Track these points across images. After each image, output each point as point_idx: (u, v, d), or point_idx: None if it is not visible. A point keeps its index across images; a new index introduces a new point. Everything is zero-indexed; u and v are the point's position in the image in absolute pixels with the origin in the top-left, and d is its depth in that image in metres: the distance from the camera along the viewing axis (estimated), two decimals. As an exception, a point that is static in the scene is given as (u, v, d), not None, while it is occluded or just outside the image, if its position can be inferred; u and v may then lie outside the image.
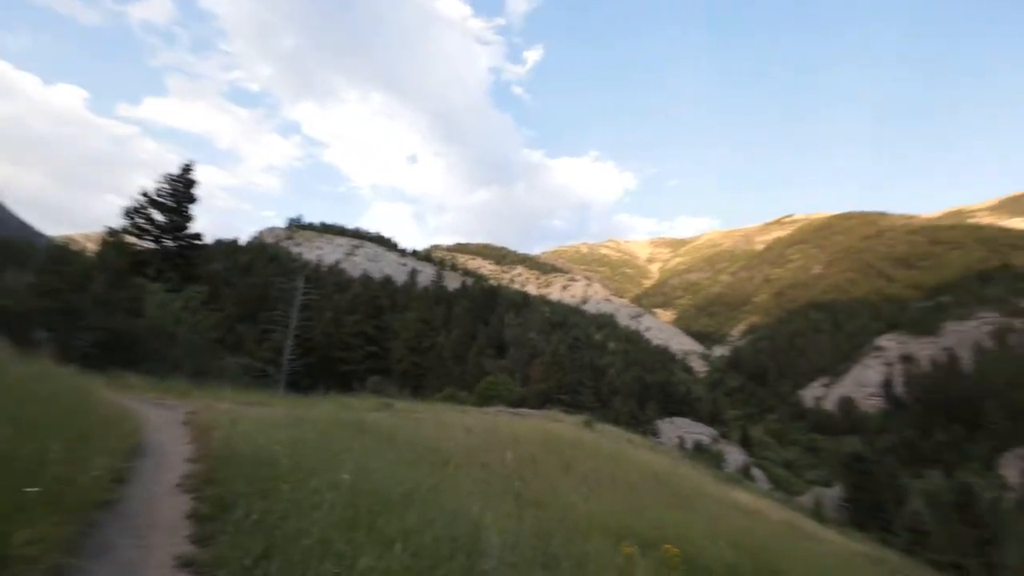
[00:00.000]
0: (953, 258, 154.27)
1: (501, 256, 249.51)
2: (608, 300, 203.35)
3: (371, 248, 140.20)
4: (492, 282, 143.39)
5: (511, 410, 28.41)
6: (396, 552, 3.00)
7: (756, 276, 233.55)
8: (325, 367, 36.42)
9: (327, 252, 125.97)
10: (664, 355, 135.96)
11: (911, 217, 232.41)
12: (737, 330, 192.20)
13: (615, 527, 7.27)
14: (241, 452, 4.48)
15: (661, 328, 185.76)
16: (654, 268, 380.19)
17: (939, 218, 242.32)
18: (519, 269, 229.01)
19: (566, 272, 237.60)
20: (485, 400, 35.64)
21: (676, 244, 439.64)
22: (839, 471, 44.18)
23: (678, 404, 77.14)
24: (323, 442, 6.26)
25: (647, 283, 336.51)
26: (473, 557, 3.37)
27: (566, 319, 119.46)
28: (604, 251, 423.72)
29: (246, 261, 68.07)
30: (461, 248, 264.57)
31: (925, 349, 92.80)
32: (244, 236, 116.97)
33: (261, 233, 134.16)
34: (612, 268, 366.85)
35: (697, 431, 63.77)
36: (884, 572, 12.89)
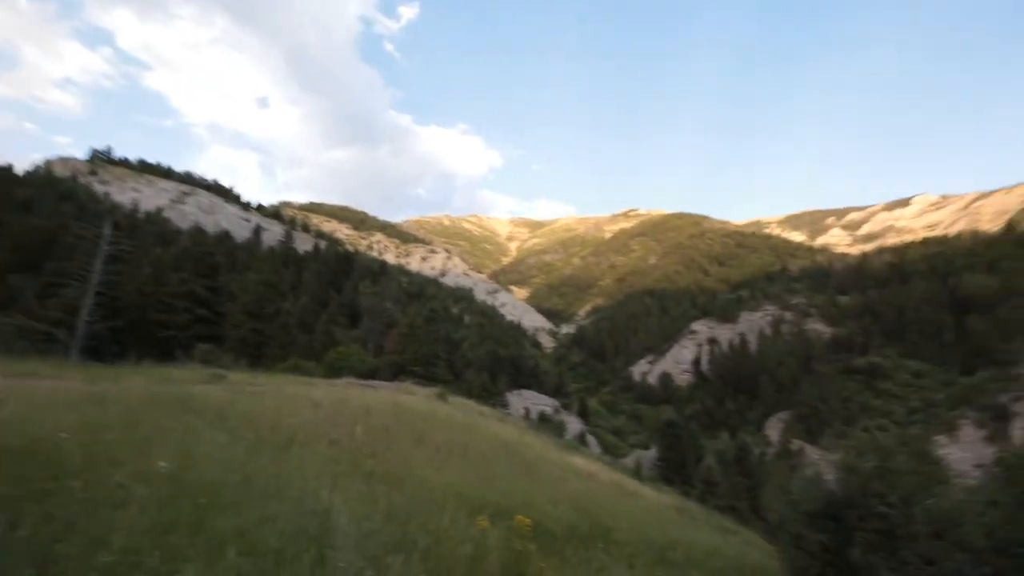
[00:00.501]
0: (751, 260, 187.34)
1: (360, 221, 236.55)
2: (467, 274, 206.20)
3: (206, 197, 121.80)
4: (348, 247, 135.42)
5: (362, 382, 27.31)
6: (229, 557, 2.51)
7: (603, 262, 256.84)
8: (139, 332, 30.90)
9: (147, 196, 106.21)
10: (517, 331, 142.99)
11: (726, 223, 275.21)
12: (584, 310, 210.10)
13: (469, 498, 7.35)
14: (7, 444, 3.42)
15: (515, 305, 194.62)
16: (513, 247, 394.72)
17: (745, 225, 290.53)
18: (378, 236, 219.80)
19: (427, 243, 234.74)
20: (334, 371, 33.73)
21: (535, 225, 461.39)
22: (655, 435, 51.44)
23: (527, 377, 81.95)
24: (132, 424, 5.17)
25: (505, 260, 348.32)
26: (325, 551, 3.02)
27: (424, 290, 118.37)
28: (466, 225, 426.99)
29: (25, 196, 54.17)
30: (316, 208, 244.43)
31: (726, 334, 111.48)
32: (24, 164, 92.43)
33: (50, 163, 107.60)
34: (473, 243, 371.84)
35: (542, 402, 68.59)
36: (686, 519, 15.29)
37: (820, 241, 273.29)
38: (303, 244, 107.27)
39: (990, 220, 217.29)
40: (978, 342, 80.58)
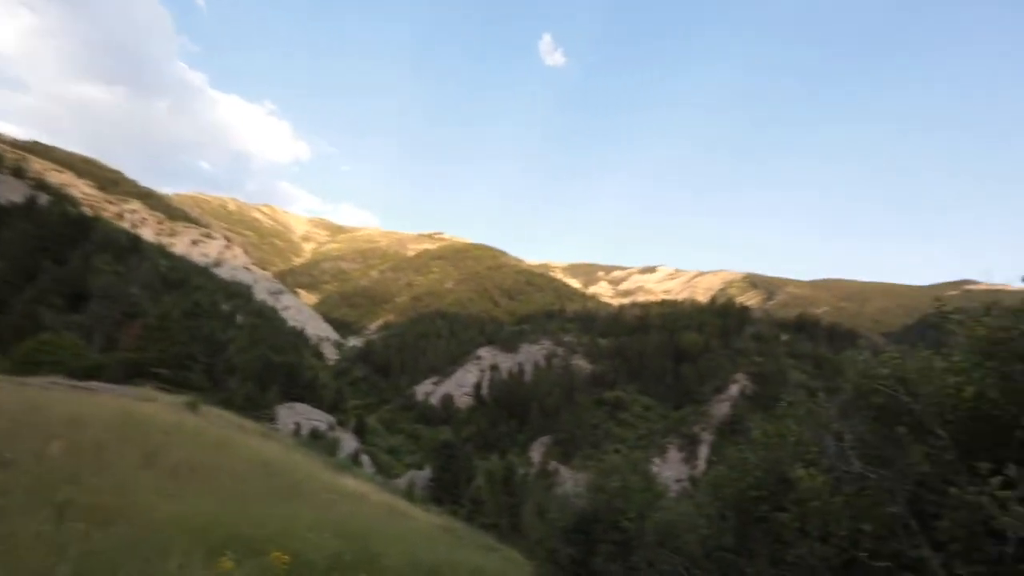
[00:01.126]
0: (537, 298, 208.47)
1: (111, 182, 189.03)
2: (248, 269, 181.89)
3: None
4: (86, 210, 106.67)
5: (75, 383, 21.19)
6: None
7: (401, 279, 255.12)
8: None
9: None
10: (297, 338, 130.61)
11: (520, 261, 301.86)
12: (375, 324, 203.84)
13: (209, 532, 6.03)
14: None
15: (301, 309, 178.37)
16: (308, 248, 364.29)
17: (535, 266, 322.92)
18: (135, 205, 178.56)
19: (202, 225, 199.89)
20: (31, 367, 25.47)
21: (335, 229, 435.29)
22: (432, 455, 51.83)
23: (302, 389, 74.90)
24: None
25: (297, 261, 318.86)
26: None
27: (189, 279, 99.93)
28: (257, 215, 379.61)
29: None
30: (44, 151, 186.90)
31: (507, 362, 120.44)
32: None
33: None
34: (261, 235, 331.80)
35: (316, 418, 63.26)
36: (453, 538, 15.46)
37: (592, 290, 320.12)
38: (11, 192, 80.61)
39: (703, 293, 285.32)
40: (686, 385, 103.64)
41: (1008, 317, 3.14)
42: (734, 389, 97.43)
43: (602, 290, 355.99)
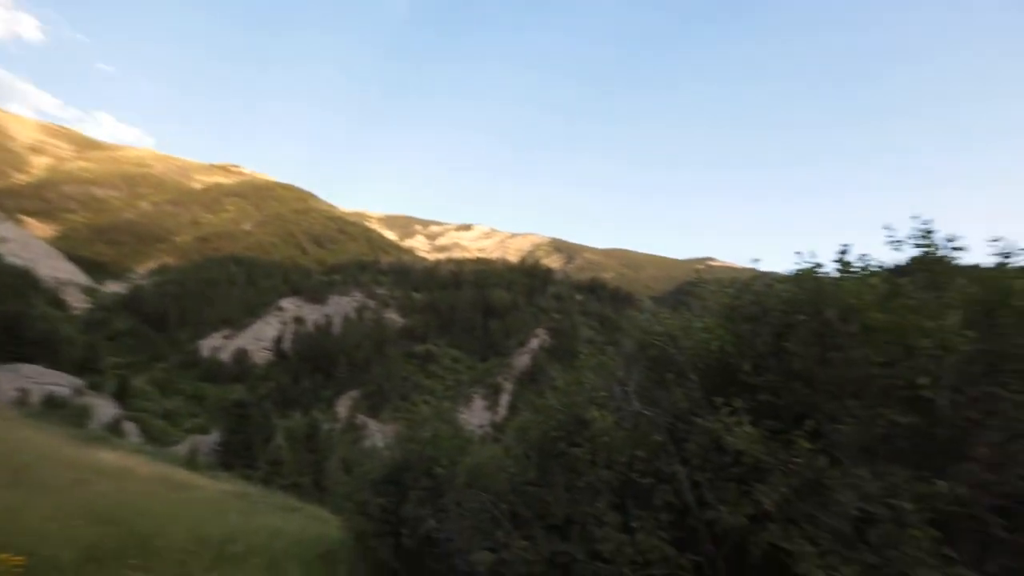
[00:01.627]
0: (350, 247, 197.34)
1: None
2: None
3: None
4: None
5: None
6: None
7: (184, 215, 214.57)
8: None
9: None
10: (22, 279, 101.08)
11: (332, 207, 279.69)
12: (145, 267, 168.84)
13: None
14: None
15: (28, 243, 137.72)
16: (40, 162, 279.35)
17: (349, 214, 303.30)
18: None
19: None
20: None
21: (86, 144, 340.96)
22: (219, 417, 46.25)
23: (33, 347, 58.83)
24: None
25: (22, 178, 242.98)
26: None
27: None
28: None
29: None
30: None
31: (313, 314, 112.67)
32: None
33: None
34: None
35: (53, 381, 50.61)
36: (247, 504, 14.27)
37: (408, 243, 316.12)
38: None
39: (514, 253, 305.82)
40: (493, 339, 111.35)
41: (741, 290, 4.13)
42: (535, 343, 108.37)
43: (418, 244, 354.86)
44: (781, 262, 4.68)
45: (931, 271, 3.78)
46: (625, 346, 5.21)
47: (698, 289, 5.09)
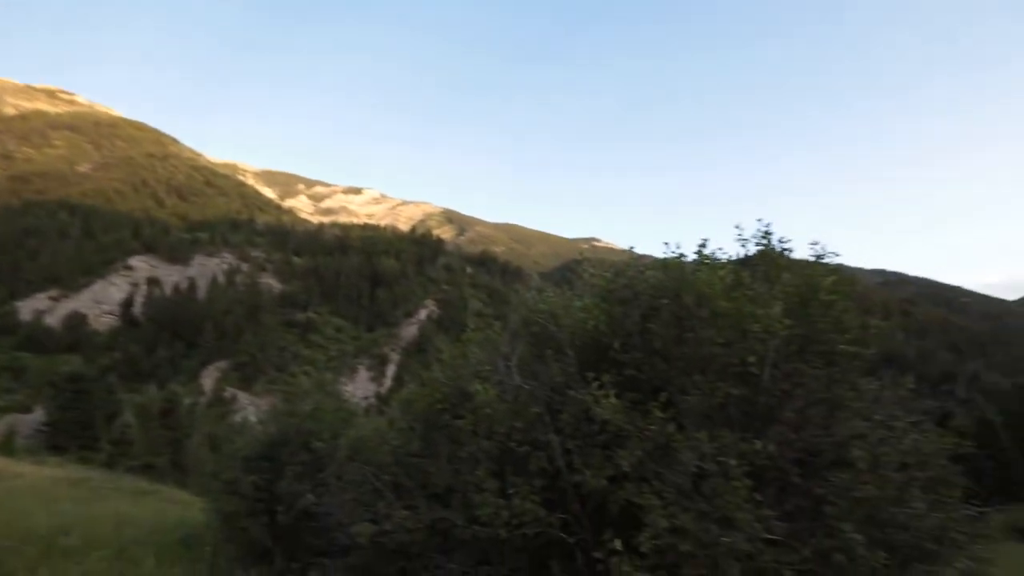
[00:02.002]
0: (219, 203, 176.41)
1: None
2: None
3: None
4: None
5: None
6: None
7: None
8: None
9: None
10: None
11: (198, 155, 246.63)
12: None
13: None
14: None
15: None
16: None
17: (218, 164, 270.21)
18: None
19: None
20: None
21: None
22: (45, 393, 39.48)
23: None
24: None
25: None
26: None
27: None
28: None
29: None
30: None
31: (173, 275, 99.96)
32: None
33: None
34: None
35: None
36: (86, 490, 12.56)
37: (289, 203, 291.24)
38: None
39: (405, 222, 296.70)
40: (380, 308, 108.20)
41: (617, 274, 4.53)
42: (423, 314, 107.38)
43: (301, 205, 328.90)
44: (660, 246, 5.21)
45: (767, 266, 4.47)
46: (511, 322, 5.46)
47: (580, 270, 5.46)
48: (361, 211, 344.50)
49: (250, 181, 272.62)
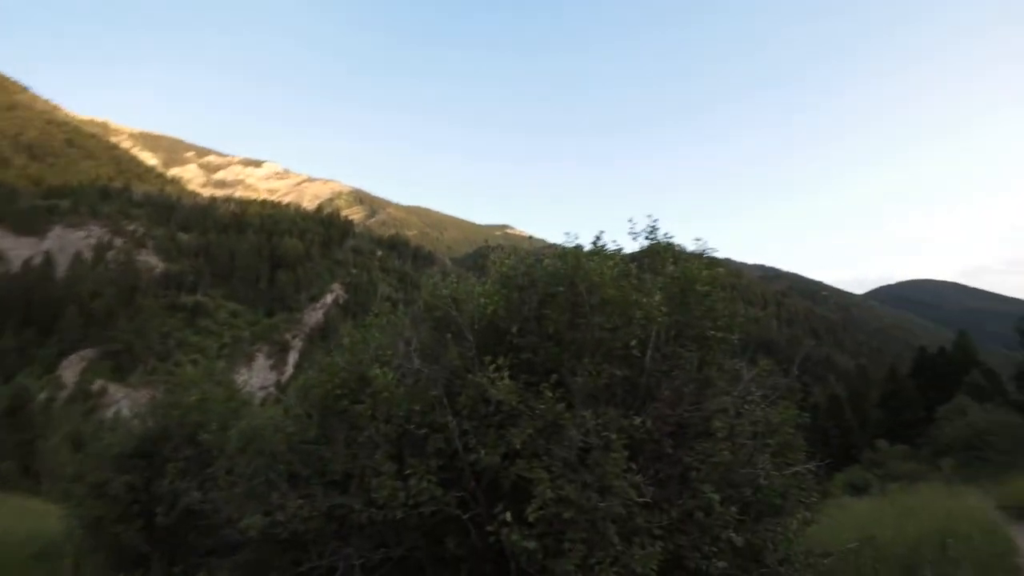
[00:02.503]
0: (84, 166, 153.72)
1: None
2: None
3: None
4: None
5: None
6: None
7: None
8: None
9: None
10: None
11: (57, 108, 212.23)
12: None
13: None
14: None
15: None
16: None
17: (84, 121, 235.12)
18: None
19: None
20: None
21: None
22: None
23: None
24: None
25: None
26: None
27: None
28: None
29: None
30: None
31: (22, 249, 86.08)
32: None
33: None
34: None
35: None
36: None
37: (175, 171, 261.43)
38: None
39: (311, 200, 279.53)
40: (281, 292, 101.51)
41: (517, 262, 4.73)
42: (329, 298, 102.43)
43: (190, 175, 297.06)
44: (563, 235, 5.48)
45: (652, 259, 4.90)
46: (415, 306, 5.48)
47: (490, 257, 5.59)
48: (261, 186, 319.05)
49: (126, 144, 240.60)
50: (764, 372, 5.07)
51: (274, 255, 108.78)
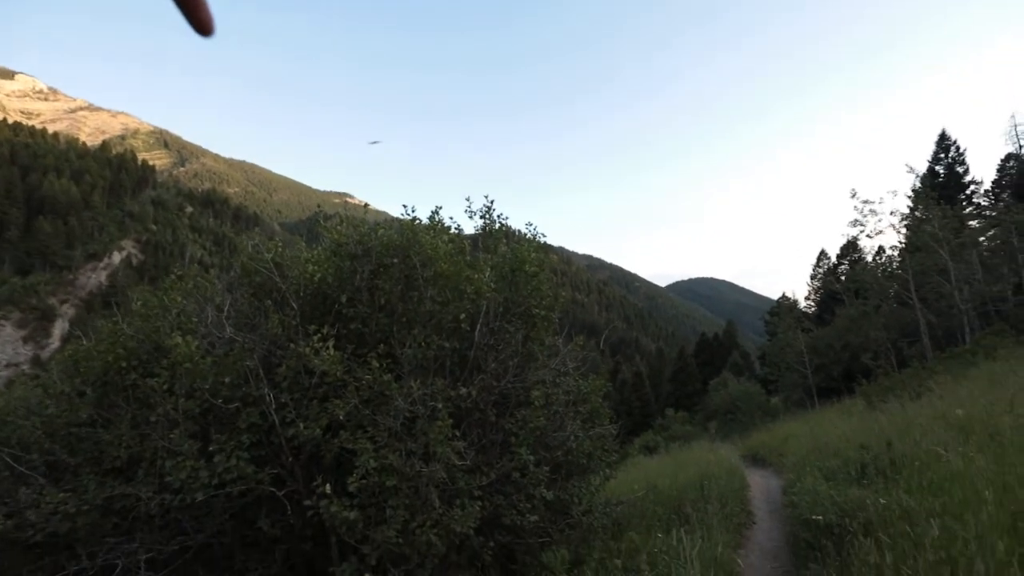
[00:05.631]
0: None
1: None
2: None
3: None
4: None
5: None
6: None
7: None
8: None
9: None
10: None
11: None
12: None
13: None
14: None
15: None
16: None
17: None
18: None
19: None
20: None
21: None
22: None
23: None
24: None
25: None
26: None
27: None
28: None
29: None
30: None
31: None
32: None
33: None
34: None
35: None
36: None
37: None
38: None
39: (92, 134, 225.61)
40: (43, 245, 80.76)
41: (350, 230, 4.54)
42: (117, 257, 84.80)
43: None
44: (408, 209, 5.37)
45: (487, 239, 5.13)
46: (232, 270, 4.91)
47: (327, 223, 5.23)
48: (14, 105, 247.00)
49: None
50: (578, 347, 5.72)
51: (33, 198, 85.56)
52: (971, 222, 27.34)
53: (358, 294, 4.13)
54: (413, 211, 4.88)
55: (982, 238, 26.41)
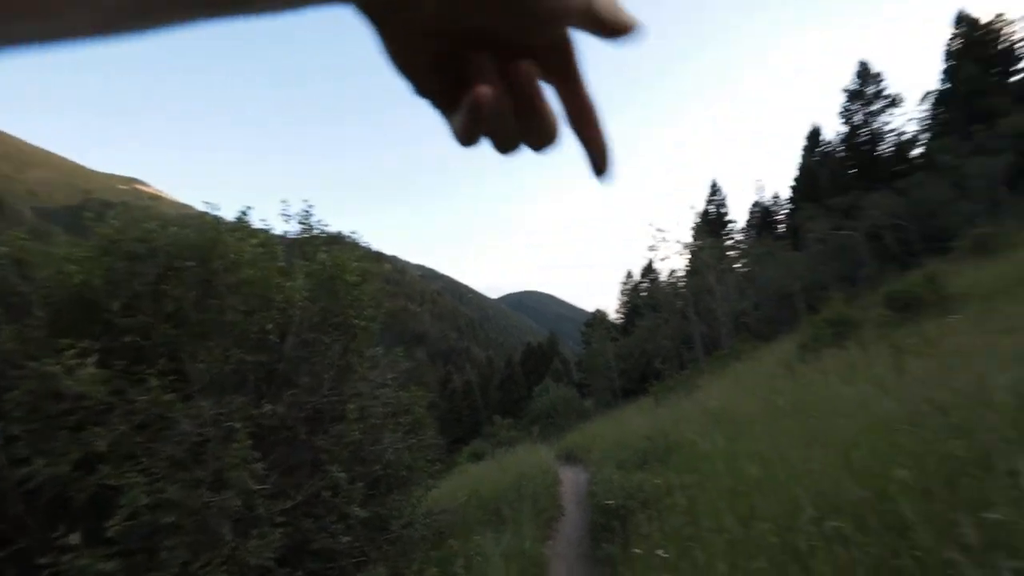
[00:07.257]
0: None
1: None
2: None
3: None
4: None
5: None
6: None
7: None
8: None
9: None
10: None
11: None
12: None
13: None
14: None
15: None
16: None
17: None
18: None
19: None
20: None
21: None
22: None
23: None
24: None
25: None
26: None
27: None
28: None
29: None
30: None
31: None
32: None
33: None
34: None
35: None
36: None
37: None
38: None
39: None
40: None
41: (128, 224, 3.84)
42: None
43: None
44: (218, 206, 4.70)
45: (304, 245, 4.81)
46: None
47: (108, 214, 4.28)
48: None
49: None
50: (399, 358, 5.67)
51: None
52: (729, 252, 34.50)
53: (138, 301, 3.49)
54: (218, 208, 4.34)
55: (736, 264, 33.48)
